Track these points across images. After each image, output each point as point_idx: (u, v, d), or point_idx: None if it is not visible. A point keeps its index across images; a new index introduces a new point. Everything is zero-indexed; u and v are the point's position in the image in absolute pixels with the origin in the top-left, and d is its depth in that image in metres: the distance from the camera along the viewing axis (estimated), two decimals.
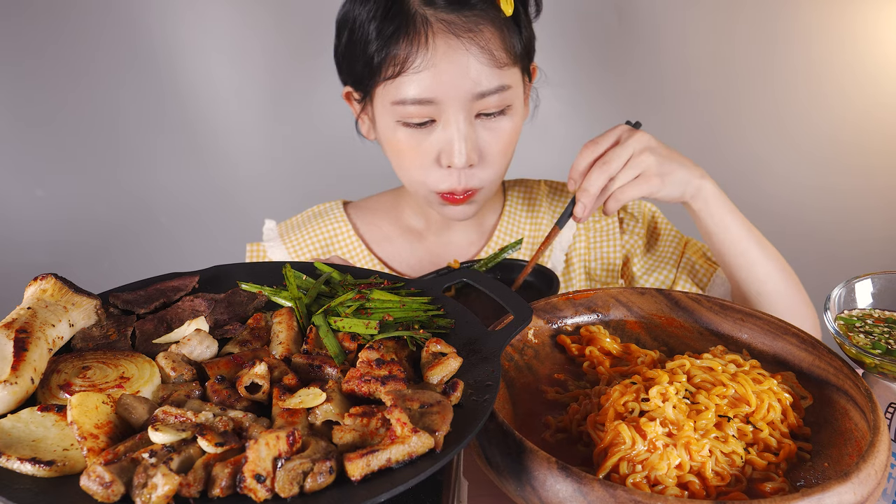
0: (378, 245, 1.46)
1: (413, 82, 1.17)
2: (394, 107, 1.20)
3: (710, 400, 0.84)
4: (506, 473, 0.75)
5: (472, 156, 1.21)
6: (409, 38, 1.16)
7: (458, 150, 1.19)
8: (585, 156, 1.18)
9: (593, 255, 1.45)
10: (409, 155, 1.24)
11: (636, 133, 1.18)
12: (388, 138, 1.26)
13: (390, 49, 1.17)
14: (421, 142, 1.22)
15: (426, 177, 1.25)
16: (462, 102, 1.18)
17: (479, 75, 1.17)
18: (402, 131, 1.22)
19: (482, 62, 1.17)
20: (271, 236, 1.47)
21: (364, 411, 0.66)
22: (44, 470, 0.60)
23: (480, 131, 1.22)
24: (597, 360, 0.97)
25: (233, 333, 0.82)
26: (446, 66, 1.15)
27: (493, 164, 1.25)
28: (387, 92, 1.20)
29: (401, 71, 1.17)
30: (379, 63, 1.19)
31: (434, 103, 1.18)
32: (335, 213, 1.48)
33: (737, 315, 1.01)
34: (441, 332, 0.82)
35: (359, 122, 1.36)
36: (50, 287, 0.80)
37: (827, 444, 0.84)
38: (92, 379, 0.71)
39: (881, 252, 2.34)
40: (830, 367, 0.91)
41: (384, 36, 1.17)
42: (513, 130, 1.25)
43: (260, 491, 0.57)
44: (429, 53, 1.15)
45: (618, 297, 1.06)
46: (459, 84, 1.16)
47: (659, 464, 0.77)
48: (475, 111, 1.20)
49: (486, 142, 1.23)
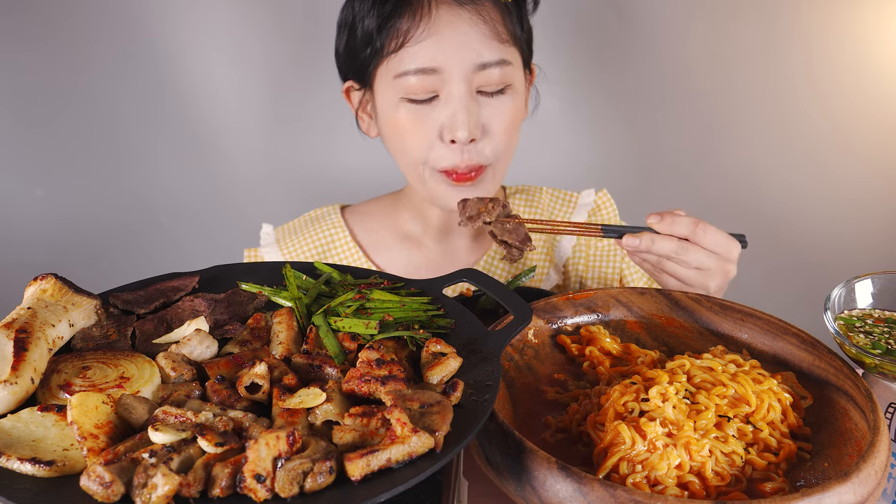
0: (376, 252, 1.45)
1: (416, 52, 1.18)
2: (396, 81, 1.20)
3: (710, 400, 0.84)
4: (506, 473, 0.75)
5: (475, 130, 1.20)
6: (411, 10, 1.17)
7: (461, 121, 1.18)
8: (687, 225, 1.06)
9: (591, 274, 1.46)
10: (411, 133, 1.23)
11: (733, 258, 1.09)
12: (389, 119, 1.25)
13: (391, 24, 1.18)
14: (423, 118, 1.21)
15: (427, 154, 1.24)
16: (464, 72, 1.18)
17: (482, 46, 1.18)
18: (404, 108, 1.22)
19: (484, 33, 1.18)
20: (268, 241, 1.47)
21: (364, 411, 0.66)
22: (44, 470, 0.60)
23: (482, 108, 1.22)
24: (597, 360, 0.97)
25: (233, 333, 0.82)
26: (449, 33, 1.17)
27: (496, 140, 1.23)
28: (389, 68, 1.21)
29: (403, 43, 1.18)
30: (381, 41, 1.20)
31: (437, 72, 1.18)
32: (332, 218, 1.47)
33: (737, 315, 1.01)
34: (441, 332, 0.82)
35: (358, 119, 1.36)
36: (50, 287, 0.80)
37: (827, 444, 0.84)
38: (92, 379, 0.71)
39: (881, 252, 2.34)
40: (830, 367, 0.91)
41: (384, 13, 1.19)
42: (514, 109, 1.24)
43: (260, 491, 0.57)
44: (431, 21, 1.17)
45: (618, 297, 1.06)
46: (462, 53, 1.17)
47: (659, 464, 0.76)
48: (476, 85, 1.20)
49: (487, 118, 1.22)
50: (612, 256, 1.46)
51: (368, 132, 1.36)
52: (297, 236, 1.46)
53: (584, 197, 1.50)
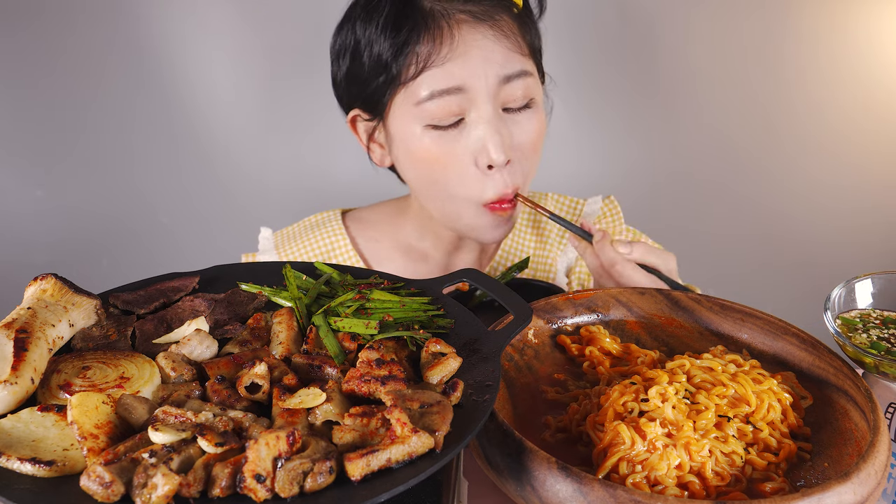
0: (378, 264, 1.41)
1: (438, 74, 1.13)
2: (418, 108, 1.15)
3: (710, 400, 0.84)
4: (506, 473, 0.75)
5: (509, 151, 1.16)
6: (430, 34, 1.13)
7: (494, 143, 1.14)
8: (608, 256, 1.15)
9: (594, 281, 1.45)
10: (443, 163, 1.18)
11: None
12: (413, 150, 1.19)
13: (410, 49, 1.14)
14: (452, 145, 1.16)
15: (470, 188, 1.19)
16: (489, 88, 1.14)
17: (505, 58, 1.15)
18: (430, 136, 1.16)
19: (507, 47, 1.15)
20: (267, 246, 1.44)
21: (364, 411, 0.66)
22: (44, 470, 0.60)
23: (511, 127, 1.18)
24: (597, 360, 0.97)
25: (233, 333, 0.82)
26: (473, 51, 1.13)
27: (527, 159, 1.21)
28: (408, 95, 1.16)
29: (424, 68, 1.13)
30: (398, 68, 1.15)
31: (462, 91, 1.13)
32: (333, 224, 1.43)
33: (737, 315, 1.01)
34: (441, 332, 0.82)
35: (369, 152, 1.30)
36: (50, 287, 0.80)
37: (827, 444, 0.84)
38: (92, 379, 0.71)
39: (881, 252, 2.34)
40: (830, 367, 0.91)
41: (400, 40, 1.14)
42: (539, 123, 1.21)
43: (260, 491, 0.57)
44: (455, 42, 1.13)
45: (618, 297, 1.06)
46: (486, 68, 1.14)
47: (659, 464, 0.77)
48: (502, 102, 1.17)
49: (517, 136, 1.19)
50: None
51: (382, 163, 1.30)
52: (297, 242, 1.43)
53: (591, 204, 1.48)
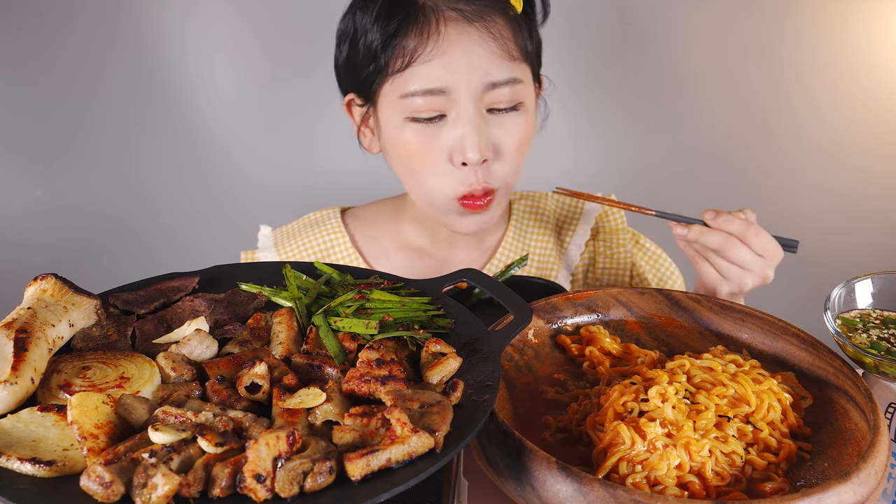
0: (376, 261, 1.42)
1: (423, 72, 1.13)
2: (402, 101, 1.16)
3: (710, 400, 0.84)
4: (506, 473, 0.75)
5: (486, 151, 1.16)
6: (418, 28, 1.13)
7: (470, 142, 1.14)
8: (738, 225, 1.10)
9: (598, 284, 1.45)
10: (419, 155, 1.19)
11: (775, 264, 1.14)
12: (394, 140, 1.21)
13: (398, 42, 1.14)
14: (431, 139, 1.17)
15: (442, 181, 1.20)
16: (473, 93, 1.14)
17: (491, 65, 1.14)
18: (411, 129, 1.17)
19: (494, 51, 1.14)
20: (266, 244, 1.44)
21: (364, 411, 0.66)
22: (44, 470, 0.60)
23: (493, 127, 1.17)
24: (597, 360, 0.97)
25: (233, 333, 0.82)
26: (457, 53, 1.12)
27: (508, 160, 1.20)
28: (394, 87, 1.16)
29: (410, 62, 1.14)
30: (386, 59, 1.16)
31: (445, 93, 1.14)
32: (332, 222, 1.43)
33: (737, 315, 1.01)
34: (441, 332, 0.82)
35: (360, 135, 1.31)
36: (50, 287, 0.80)
37: (827, 444, 0.84)
38: (92, 379, 0.71)
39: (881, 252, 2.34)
40: (830, 367, 0.91)
41: (390, 31, 1.15)
42: (525, 127, 1.20)
43: (260, 491, 0.57)
44: (440, 41, 1.12)
45: (618, 297, 1.06)
46: (471, 72, 1.13)
47: (659, 464, 0.77)
48: (486, 104, 1.16)
49: (498, 137, 1.18)
50: (617, 261, 1.45)
51: (370, 148, 1.32)
52: (296, 240, 1.43)
53: (591, 202, 1.48)
